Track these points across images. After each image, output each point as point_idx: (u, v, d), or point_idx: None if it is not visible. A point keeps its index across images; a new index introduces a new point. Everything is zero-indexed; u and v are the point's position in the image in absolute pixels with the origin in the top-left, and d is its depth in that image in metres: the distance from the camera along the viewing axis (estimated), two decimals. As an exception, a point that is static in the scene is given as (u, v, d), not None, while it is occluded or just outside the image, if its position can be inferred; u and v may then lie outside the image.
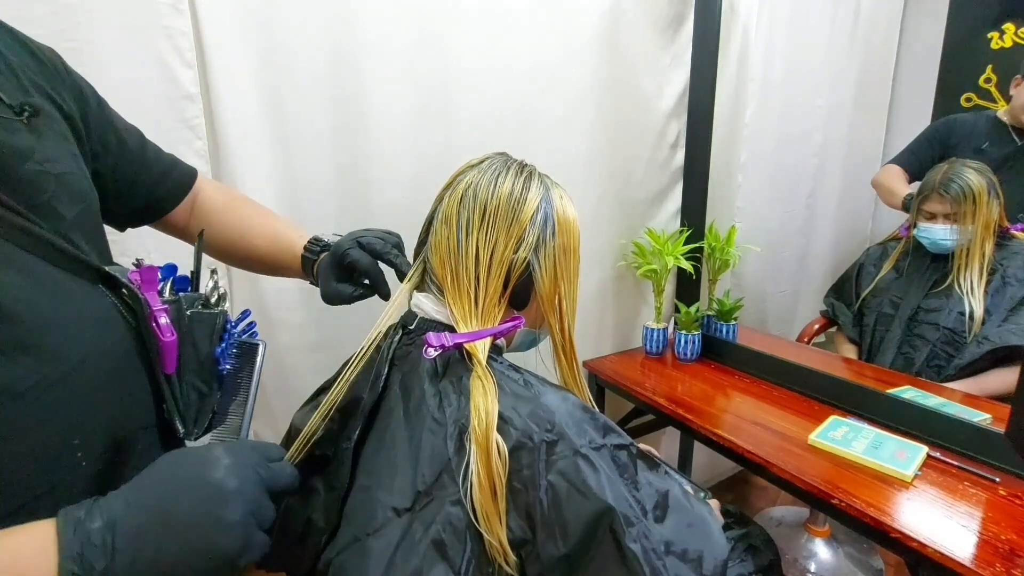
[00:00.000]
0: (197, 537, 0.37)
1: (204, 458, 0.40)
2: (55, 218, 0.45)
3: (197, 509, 0.38)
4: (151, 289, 0.52)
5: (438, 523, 0.53)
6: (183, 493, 0.38)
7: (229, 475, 0.40)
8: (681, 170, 1.56)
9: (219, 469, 0.40)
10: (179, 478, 0.39)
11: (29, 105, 0.46)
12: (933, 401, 1.10)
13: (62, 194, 0.47)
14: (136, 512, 0.36)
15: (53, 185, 0.46)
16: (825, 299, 1.58)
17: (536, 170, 0.69)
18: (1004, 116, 1.29)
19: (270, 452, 0.47)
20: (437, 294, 0.67)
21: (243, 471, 0.41)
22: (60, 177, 0.47)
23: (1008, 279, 1.20)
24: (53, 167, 0.46)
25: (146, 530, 0.36)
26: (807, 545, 1.62)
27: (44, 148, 0.46)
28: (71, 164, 0.50)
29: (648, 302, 1.60)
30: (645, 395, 1.29)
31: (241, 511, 0.39)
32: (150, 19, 0.88)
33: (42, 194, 0.45)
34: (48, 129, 0.48)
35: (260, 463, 0.44)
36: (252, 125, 1.01)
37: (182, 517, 0.37)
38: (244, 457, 0.42)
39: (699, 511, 0.61)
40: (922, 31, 1.53)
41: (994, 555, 0.74)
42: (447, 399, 0.58)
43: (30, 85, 0.48)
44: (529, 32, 1.22)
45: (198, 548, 0.37)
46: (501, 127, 1.23)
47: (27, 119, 0.45)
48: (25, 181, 0.43)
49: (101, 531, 0.35)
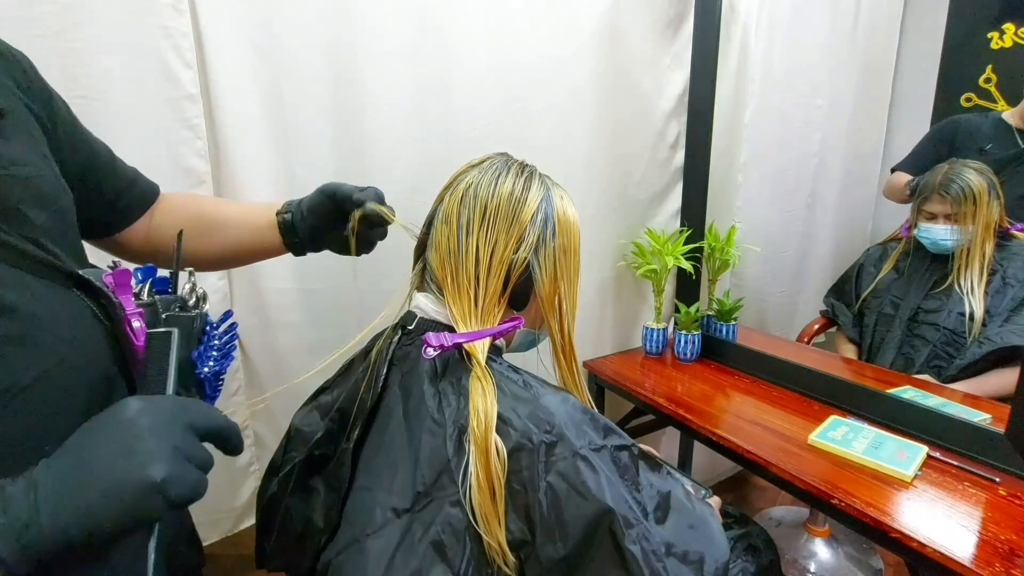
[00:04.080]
0: (115, 472, 0.36)
1: (115, 408, 0.40)
2: (23, 223, 0.44)
3: (111, 448, 0.37)
4: (125, 292, 0.51)
5: (437, 524, 0.53)
6: (98, 439, 0.38)
7: (140, 414, 0.39)
8: (681, 170, 1.56)
9: (130, 411, 0.39)
10: (93, 430, 0.39)
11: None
12: (933, 401, 1.10)
13: (30, 198, 0.46)
14: (55, 467, 0.37)
15: (20, 189, 0.45)
16: (825, 299, 1.58)
17: (537, 170, 0.69)
18: (1010, 118, 1.29)
19: (190, 403, 0.45)
20: (437, 294, 0.67)
21: (155, 408, 0.40)
22: (28, 180, 0.46)
23: (1008, 279, 1.20)
24: (20, 171, 0.45)
25: (66, 478, 0.36)
26: (807, 545, 1.62)
27: (11, 151, 0.45)
28: (41, 166, 0.49)
29: (648, 302, 1.60)
30: (645, 395, 1.29)
31: (155, 440, 0.38)
32: (150, 19, 0.88)
33: (8, 199, 0.43)
34: (15, 130, 0.47)
35: (178, 405, 0.43)
36: (252, 125, 1.01)
37: (98, 459, 0.37)
38: (157, 402, 0.42)
39: (701, 512, 0.61)
40: (922, 31, 1.53)
41: (994, 555, 0.74)
42: (446, 400, 0.58)
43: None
44: (529, 32, 1.22)
45: (119, 482, 0.36)
46: (501, 127, 1.23)
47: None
48: None
49: (24, 490, 0.35)
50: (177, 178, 0.94)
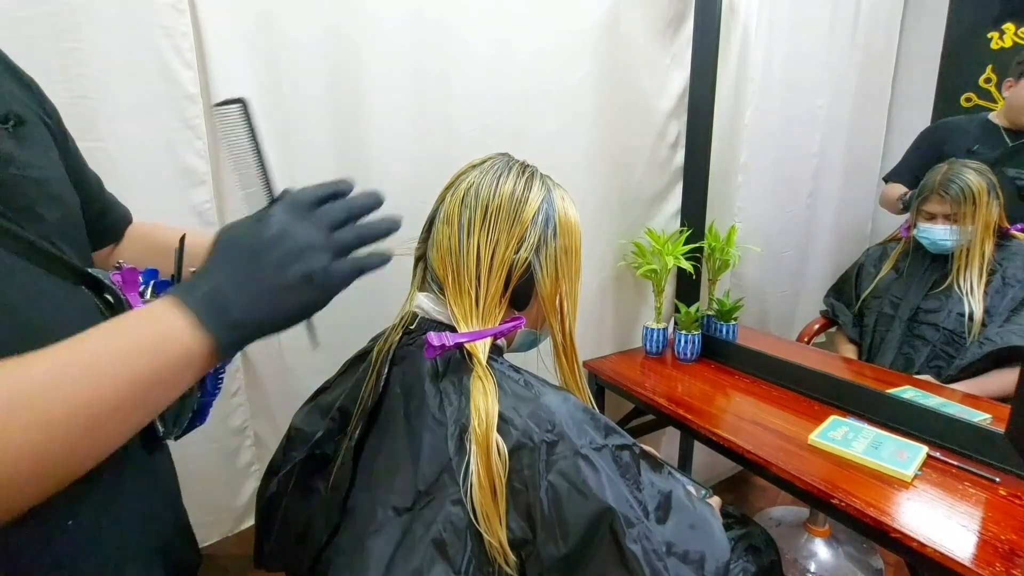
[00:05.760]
0: (287, 275, 0.43)
1: (260, 225, 0.45)
2: (37, 221, 0.46)
3: (276, 256, 0.43)
4: (132, 290, 0.53)
5: (439, 523, 0.53)
6: (263, 247, 0.44)
7: (283, 219, 0.45)
8: (681, 170, 1.56)
9: (275, 224, 0.45)
10: (239, 241, 0.44)
11: (14, 114, 0.47)
12: (933, 401, 1.10)
13: (43, 199, 0.48)
14: (230, 275, 0.42)
15: (35, 190, 0.47)
16: (825, 299, 1.58)
17: (538, 171, 0.69)
18: (996, 118, 1.30)
19: (312, 205, 0.49)
20: (438, 293, 0.67)
21: (289, 206, 0.47)
22: (42, 182, 0.48)
23: (1008, 280, 1.20)
24: (35, 172, 0.48)
25: (248, 283, 0.42)
26: (807, 545, 1.62)
27: (27, 155, 0.48)
28: (54, 171, 0.51)
29: (648, 302, 1.60)
30: (645, 395, 1.29)
31: (308, 243, 0.45)
32: (150, 19, 0.88)
33: (23, 198, 0.46)
34: (31, 137, 0.50)
35: (301, 211, 0.47)
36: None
37: (269, 265, 0.43)
38: (292, 209, 0.47)
39: (702, 512, 0.61)
40: (922, 31, 1.53)
41: (994, 555, 0.74)
42: (448, 399, 0.58)
43: (11, 98, 0.50)
44: (529, 32, 1.22)
45: (291, 282, 0.43)
46: (501, 127, 1.23)
47: (12, 127, 0.47)
48: (8, 186, 0.45)
49: (214, 291, 0.41)
50: (177, 178, 0.94)
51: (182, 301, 0.40)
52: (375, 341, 0.72)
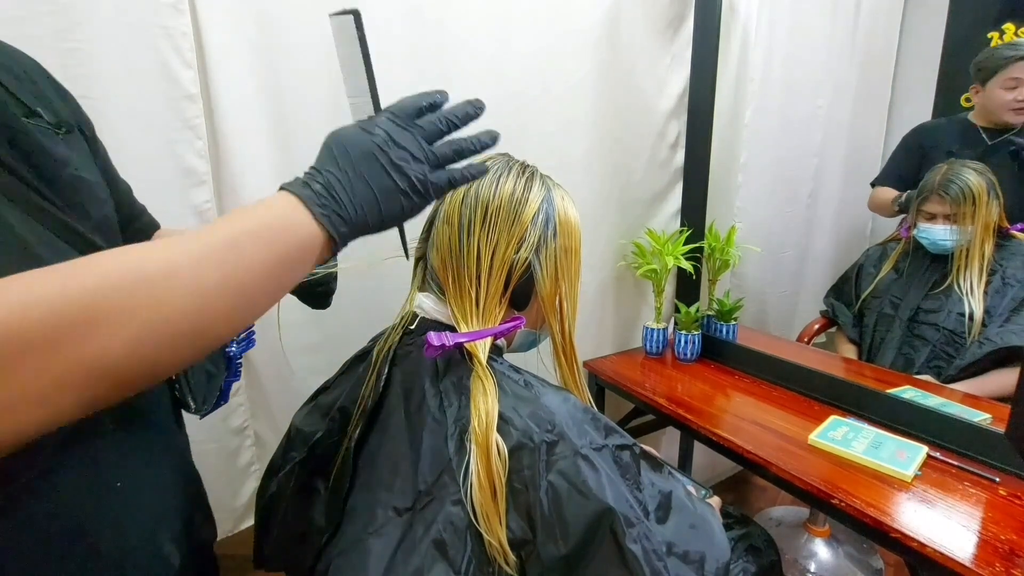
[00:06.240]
0: (388, 182, 0.47)
1: (364, 136, 0.48)
2: (86, 218, 0.51)
3: (378, 165, 0.47)
4: None
5: (439, 523, 0.53)
6: (364, 159, 0.47)
7: (387, 139, 0.48)
8: (681, 170, 1.56)
9: (378, 137, 0.48)
10: (348, 142, 0.48)
11: (64, 122, 0.53)
12: (933, 401, 1.10)
13: (92, 199, 0.53)
14: (330, 167, 0.46)
15: (86, 189, 0.52)
16: (825, 299, 1.58)
17: (538, 171, 0.69)
18: (975, 118, 1.31)
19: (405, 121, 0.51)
20: (438, 293, 0.67)
21: (393, 116, 0.50)
22: (92, 184, 0.54)
23: (1008, 280, 1.20)
24: (87, 175, 0.53)
25: (355, 185, 0.46)
26: (807, 545, 1.62)
27: (78, 159, 0.53)
28: (96, 175, 0.57)
29: (648, 302, 1.60)
30: (645, 395, 1.29)
31: (406, 155, 0.48)
32: (150, 19, 0.88)
33: (77, 195, 0.51)
34: (77, 145, 0.55)
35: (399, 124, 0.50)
36: (252, 125, 1.01)
37: (372, 174, 0.47)
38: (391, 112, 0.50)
39: (702, 512, 0.61)
40: (922, 31, 1.53)
41: (994, 555, 0.74)
42: (448, 399, 0.58)
43: (58, 109, 0.55)
44: (529, 32, 1.22)
45: (393, 188, 0.47)
46: (501, 127, 1.22)
47: (64, 134, 0.52)
48: (65, 184, 0.50)
49: (324, 190, 0.45)
50: (177, 178, 0.94)
51: (298, 196, 0.44)
52: (375, 341, 0.72)
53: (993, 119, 1.27)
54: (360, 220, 0.46)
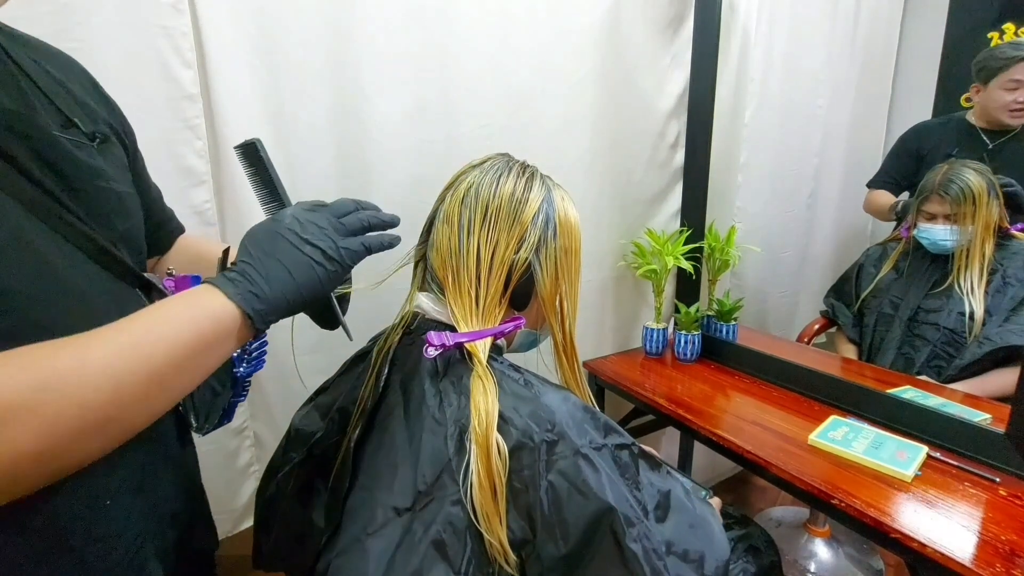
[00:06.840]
0: (301, 259, 0.50)
1: (274, 223, 0.52)
2: (109, 228, 0.53)
3: (287, 246, 0.50)
4: None
5: (438, 523, 0.53)
6: (275, 242, 0.50)
7: (293, 221, 0.52)
8: (681, 170, 1.56)
9: (286, 220, 0.52)
10: (263, 239, 0.51)
11: (99, 133, 0.55)
12: (933, 401, 1.10)
13: (119, 210, 0.55)
14: (254, 263, 0.49)
15: (115, 201, 0.54)
16: (825, 299, 1.58)
17: (538, 171, 0.69)
18: (973, 119, 1.31)
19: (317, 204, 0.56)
20: (438, 293, 0.67)
21: (302, 213, 0.53)
22: (121, 195, 0.55)
23: (1008, 279, 1.20)
24: (116, 186, 0.55)
25: (268, 268, 0.49)
26: (807, 545, 1.62)
27: (111, 170, 0.55)
28: (128, 186, 0.59)
29: (648, 302, 1.60)
30: (645, 395, 1.29)
31: (317, 232, 0.52)
32: (150, 19, 0.88)
33: (104, 206, 0.53)
34: (112, 155, 0.57)
35: (308, 207, 0.54)
36: (252, 125, 1.01)
37: (284, 254, 0.50)
38: (301, 210, 0.54)
39: (701, 512, 0.61)
40: (922, 31, 1.53)
41: (994, 555, 0.74)
42: (447, 399, 0.58)
43: (98, 117, 0.57)
44: (529, 32, 1.22)
45: (307, 264, 0.50)
46: (501, 127, 1.23)
47: (98, 145, 0.54)
48: (93, 195, 0.52)
49: (240, 276, 0.48)
50: (177, 178, 0.94)
51: (213, 284, 0.47)
52: (375, 341, 0.72)
53: (992, 120, 1.27)
54: (276, 294, 0.49)
